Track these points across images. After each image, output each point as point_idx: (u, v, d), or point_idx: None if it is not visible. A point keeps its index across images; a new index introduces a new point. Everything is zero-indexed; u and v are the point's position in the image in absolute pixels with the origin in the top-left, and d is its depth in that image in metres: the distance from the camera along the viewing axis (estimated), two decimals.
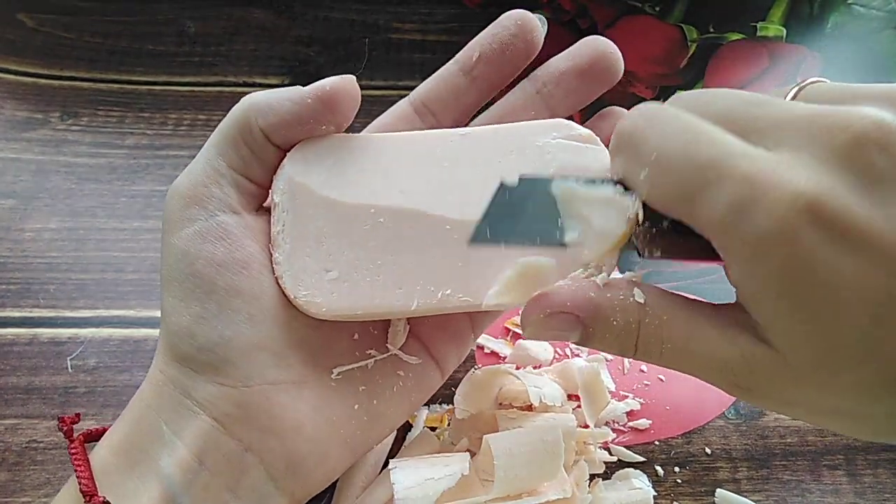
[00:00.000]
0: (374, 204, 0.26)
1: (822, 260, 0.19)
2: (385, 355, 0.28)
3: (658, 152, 0.21)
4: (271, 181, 0.26)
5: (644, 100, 0.48)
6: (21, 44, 0.50)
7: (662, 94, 0.48)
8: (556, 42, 0.51)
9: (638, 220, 0.22)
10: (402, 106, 0.29)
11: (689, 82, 0.49)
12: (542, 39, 0.28)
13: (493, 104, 0.30)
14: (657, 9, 0.52)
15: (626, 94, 0.48)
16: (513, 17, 0.28)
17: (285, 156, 0.27)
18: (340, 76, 0.26)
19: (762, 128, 0.21)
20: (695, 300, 0.23)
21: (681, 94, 0.23)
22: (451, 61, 0.29)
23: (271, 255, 0.26)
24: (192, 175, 0.26)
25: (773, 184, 0.19)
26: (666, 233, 0.23)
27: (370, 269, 0.26)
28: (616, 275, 0.26)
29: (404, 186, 0.26)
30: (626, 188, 0.23)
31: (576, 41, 0.29)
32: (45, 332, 0.38)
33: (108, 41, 0.51)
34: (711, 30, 0.51)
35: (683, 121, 0.21)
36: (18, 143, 0.45)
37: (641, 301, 0.22)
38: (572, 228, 0.23)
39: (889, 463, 0.35)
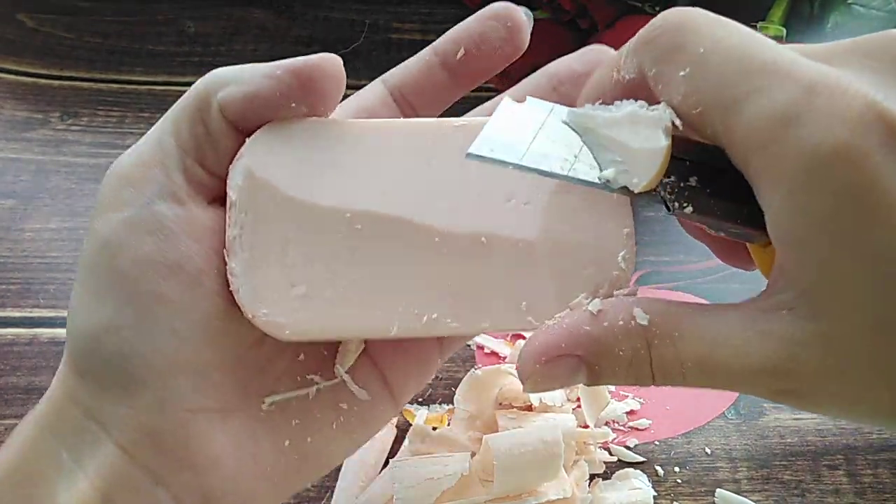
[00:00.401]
0: (351, 208, 0.22)
1: (891, 181, 0.15)
2: (330, 383, 0.23)
3: (708, 46, 0.18)
4: (227, 171, 0.22)
5: None
6: (21, 44, 0.50)
7: None
8: (557, 41, 0.51)
9: (677, 127, 0.19)
10: (377, 88, 0.25)
11: None
12: (529, 37, 0.26)
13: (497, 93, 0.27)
14: (657, 9, 0.52)
15: None
16: (501, 17, 0.25)
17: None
18: (322, 54, 0.22)
19: (813, 52, 0.18)
20: (706, 304, 0.20)
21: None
22: (430, 51, 0.25)
23: (224, 262, 0.21)
24: (136, 153, 0.22)
25: (839, 91, 0.16)
26: (694, 189, 0.20)
27: (343, 285, 0.22)
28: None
29: (387, 187, 0.22)
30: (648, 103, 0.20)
31: (575, 41, 0.29)
32: (45, 332, 0.38)
33: (108, 41, 0.51)
34: None
35: (741, 26, 0.18)
36: (18, 143, 0.45)
37: (645, 322, 0.19)
38: (608, 160, 0.20)
39: (889, 463, 0.35)
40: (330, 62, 0.21)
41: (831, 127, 0.16)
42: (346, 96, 0.50)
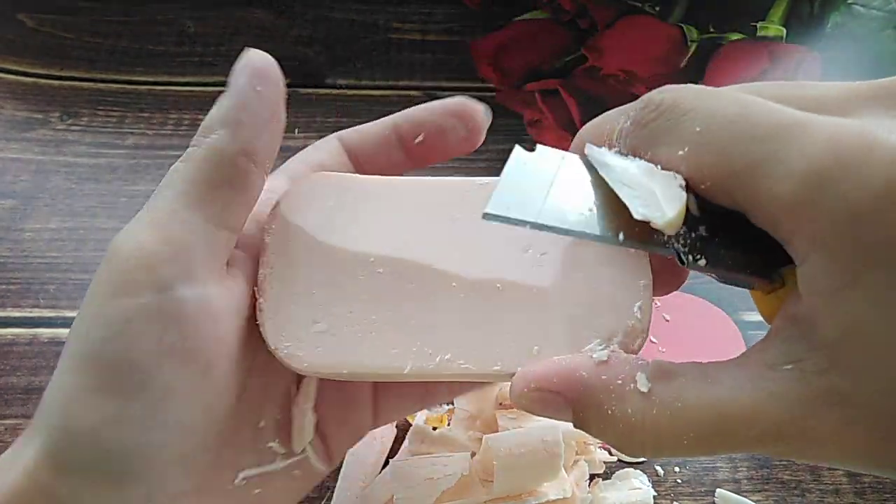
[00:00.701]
0: (375, 253, 0.24)
1: None
2: (296, 458, 0.25)
3: (704, 123, 0.18)
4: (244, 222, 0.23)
5: None
6: (21, 44, 0.50)
7: None
8: (557, 41, 0.51)
9: (688, 187, 0.19)
10: (333, 145, 0.26)
11: (690, 82, 0.49)
12: (484, 135, 0.27)
13: None
14: (657, 9, 0.52)
15: (626, 94, 0.48)
16: (464, 117, 0.26)
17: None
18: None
19: (823, 102, 0.18)
20: (709, 366, 0.19)
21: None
22: (390, 126, 0.26)
23: (255, 301, 0.23)
24: (148, 228, 0.20)
25: (864, 145, 0.15)
26: (705, 240, 0.19)
27: (363, 324, 0.23)
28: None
29: (409, 237, 0.24)
30: None
31: (575, 41, 0.29)
32: (46, 332, 0.38)
33: (108, 41, 0.51)
34: (711, 30, 0.51)
35: (736, 94, 0.18)
36: (18, 143, 0.45)
37: (645, 390, 0.18)
38: (630, 195, 0.19)
39: None
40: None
41: (864, 184, 0.15)
42: (346, 97, 0.50)
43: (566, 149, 0.22)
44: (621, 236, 0.20)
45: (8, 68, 0.49)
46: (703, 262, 0.19)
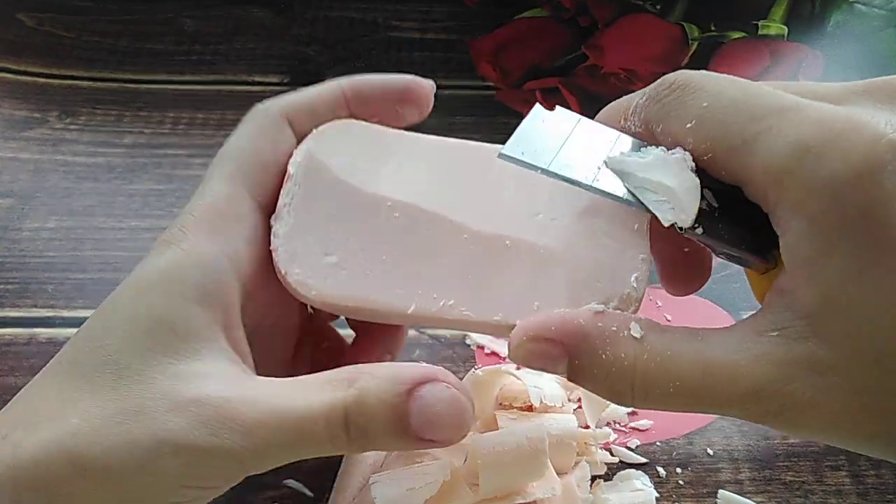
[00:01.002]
0: (392, 198, 0.25)
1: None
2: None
3: (711, 100, 0.19)
4: None
5: None
6: (20, 43, 0.50)
7: None
8: (557, 40, 0.51)
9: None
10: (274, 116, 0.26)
11: None
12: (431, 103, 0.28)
13: None
14: (658, 7, 0.52)
15: (626, 93, 0.48)
16: (418, 103, 0.27)
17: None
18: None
19: (821, 95, 0.19)
20: (699, 329, 0.20)
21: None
22: (340, 99, 0.26)
23: (270, 226, 0.24)
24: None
25: (850, 126, 0.17)
26: (705, 212, 0.21)
27: (372, 262, 0.24)
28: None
29: (427, 188, 0.25)
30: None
31: (575, 39, 0.29)
32: (43, 332, 0.38)
33: (107, 40, 0.51)
34: (712, 28, 0.51)
35: (742, 80, 0.20)
36: (16, 142, 0.45)
37: (638, 336, 0.20)
38: (653, 201, 0.21)
39: (892, 463, 0.35)
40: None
41: (846, 158, 0.17)
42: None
43: None
44: (625, 196, 0.21)
45: (6, 67, 0.49)
46: (700, 230, 0.20)
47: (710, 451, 0.35)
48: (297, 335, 0.29)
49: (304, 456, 0.22)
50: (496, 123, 0.47)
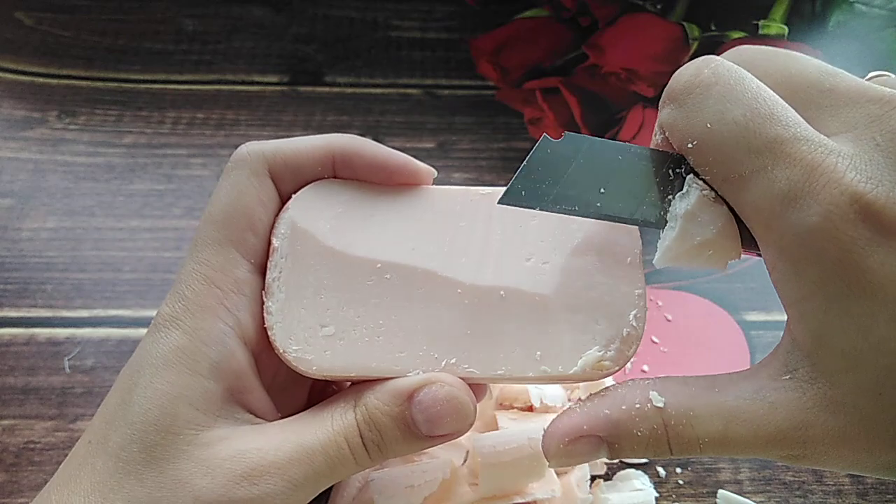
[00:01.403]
0: (382, 259, 0.24)
1: (877, 263, 0.18)
2: None
3: (714, 123, 0.20)
4: None
5: (645, 98, 0.48)
6: (19, 42, 0.50)
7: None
8: (558, 39, 0.51)
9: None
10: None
11: None
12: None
13: None
14: (659, 7, 0.52)
15: (627, 93, 0.48)
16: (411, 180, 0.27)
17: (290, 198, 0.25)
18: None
19: (830, 104, 0.20)
20: (717, 377, 0.21)
21: (752, 49, 0.22)
22: (327, 149, 0.26)
23: (262, 302, 0.24)
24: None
25: (832, 178, 0.18)
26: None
27: (370, 328, 0.24)
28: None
29: (416, 244, 0.25)
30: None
31: (576, 39, 0.29)
32: (43, 332, 0.38)
33: (106, 39, 0.51)
34: (713, 28, 0.51)
35: (749, 89, 0.20)
36: (16, 142, 0.45)
37: (661, 405, 0.21)
38: (664, 204, 0.22)
39: None
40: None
41: (825, 212, 0.18)
42: (346, 95, 0.50)
43: None
44: (631, 216, 0.22)
45: (6, 67, 0.49)
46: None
47: None
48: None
49: (338, 479, 0.23)
50: (496, 123, 0.47)
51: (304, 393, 0.27)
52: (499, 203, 0.22)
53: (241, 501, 0.22)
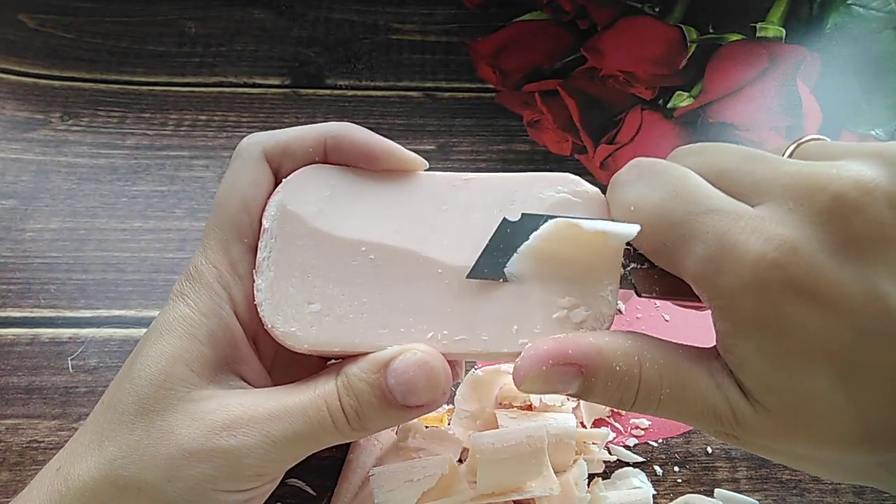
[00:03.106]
0: (366, 240, 0.25)
1: (789, 314, 0.20)
2: None
3: (635, 207, 0.23)
4: None
5: (643, 101, 0.48)
6: (22, 44, 0.50)
7: (662, 95, 0.48)
8: (557, 42, 0.51)
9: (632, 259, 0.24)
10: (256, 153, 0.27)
11: (689, 83, 0.49)
12: None
13: None
14: (657, 9, 0.52)
15: (625, 95, 0.48)
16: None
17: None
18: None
19: (751, 183, 0.22)
20: (682, 345, 0.23)
21: (686, 147, 0.24)
22: (319, 136, 0.27)
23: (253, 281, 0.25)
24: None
25: (740, 241, 0.20)
26: (661, 274, 0.24)
27: (355, 305, 0.25)
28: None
29: (399, 226, 0.26)
30: None
31: (575, 41, 0.30)
32: (46, 333, 0.39)
33: (109, 42, 0.51)
34: (711, 30, 0.51)
35: (670, 176, 0.23)
36: (19, 144, 0.45)
37: (638, 347, 0.23)
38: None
39: None
40: None
41: (738, 271, 0.20)
42: (346, 98, 0.50)
43: (567, 151, 0.26)
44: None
45: (9, 69, 0.49)
46: (656, 291, 0.24)
47: (708, 450, 0.36)
48: (316, 361, 0.30)
49: (319, 443, 0.24)
50: (496, 125, 0.47)
51: (305, 375, 0.28)
52: (466, 279, 0.25)
53: (219, 450, 0.23)
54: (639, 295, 0.25)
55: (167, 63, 0.50)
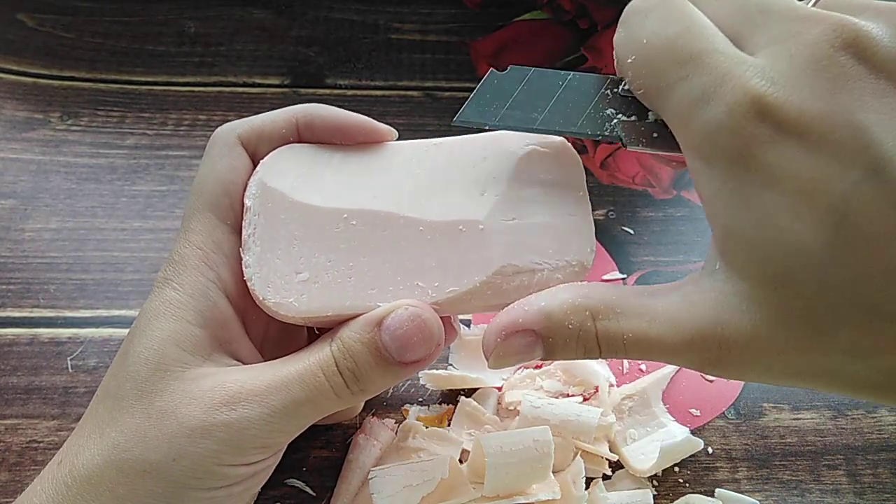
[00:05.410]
0: (347, 208, 0.26)
1: (775, 158, 0.19)
2: None
3: (649, 38, 0.22)
4: None
5: None
6: (21, 44, 0.50)
7: None
8: (557, 42, 0.51)
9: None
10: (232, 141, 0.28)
11: None
12: None
13: None
14: None
15: None
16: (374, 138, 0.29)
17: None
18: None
19: (764, 21, 0.21)
20: (649, 287, 0.23)
21: None
22: (291, 117, 0.28)
23: (241, 258, 0.26)
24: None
25: (738, 82, 0.19)
26: (650, 126, 0.24)
27: (342, 270, 0.25)
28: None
29: (377, 192, 0.26)
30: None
31: (575, 41, 0.30)
32: (46, 332, 0.39)
33: (109, 41, 0.51)
34: None
35: (684, 13, 0.22)
36: (19, 144, 0.45)
37: (590, 301, 0.22)
38: (608, 117, 0.24)
39: (889, 463, 0.35)
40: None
41: (728, 111, 0.19)
42: (346, 97, 0.50)
43: None
44: (572, 128, 0.24)
45: (8, 68, 0.49)
46: (643, 144, 0.24)
47: (709, 450, 0.36)
48: (305, 338, 0.31)
49: (320, 410, 0.25)
50: None
51: (297, 348, 0.28)
52: (453, 123, 0.25)
53: (221, 424, 0.23)
54: (625, 146, 0.24)
55: (167, 63, 0.50)
